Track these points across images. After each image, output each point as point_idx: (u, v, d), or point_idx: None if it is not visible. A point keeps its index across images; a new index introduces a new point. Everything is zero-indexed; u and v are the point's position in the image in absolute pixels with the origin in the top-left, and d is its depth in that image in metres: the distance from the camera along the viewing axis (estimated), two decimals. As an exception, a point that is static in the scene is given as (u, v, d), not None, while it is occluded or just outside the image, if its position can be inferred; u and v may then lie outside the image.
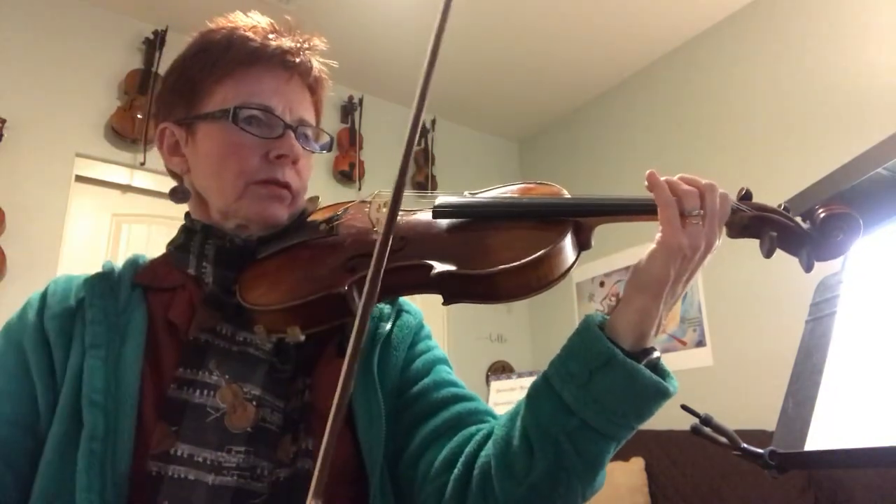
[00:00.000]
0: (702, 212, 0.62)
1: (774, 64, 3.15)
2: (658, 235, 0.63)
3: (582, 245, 0.69)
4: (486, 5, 3.30)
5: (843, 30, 2.89)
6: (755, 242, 0.67)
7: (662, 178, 0.64)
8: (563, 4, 3.31)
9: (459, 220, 0.72)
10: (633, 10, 3.34)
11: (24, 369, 0.72)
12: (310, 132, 0.83)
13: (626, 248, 3.43)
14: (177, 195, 0.82)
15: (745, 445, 0.72)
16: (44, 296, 0.77)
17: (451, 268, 0.64)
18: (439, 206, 0.73)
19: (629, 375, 0.60)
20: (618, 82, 3.98)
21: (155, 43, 3.27)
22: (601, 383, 0.61)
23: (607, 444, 0.63)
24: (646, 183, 0.65)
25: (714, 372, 3.11)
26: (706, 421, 0.73)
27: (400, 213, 0.76)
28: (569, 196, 0.72)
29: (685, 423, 0.75)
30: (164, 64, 3.22)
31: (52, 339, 0.72)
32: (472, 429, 0.74)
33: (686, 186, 0.63)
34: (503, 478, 0.65)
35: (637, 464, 2.90)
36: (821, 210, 0.65)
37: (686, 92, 3.57)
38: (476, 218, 0.72)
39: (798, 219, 0.67)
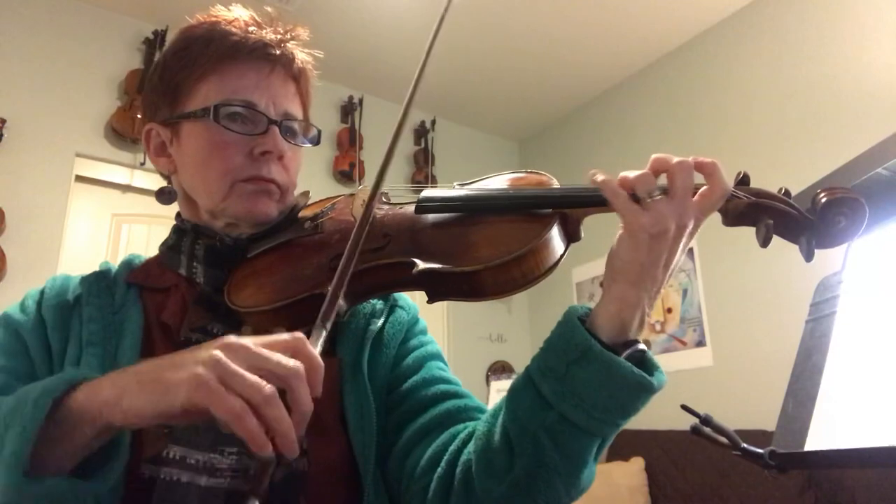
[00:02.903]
0: (662, 193, 0.59)
1: (774, 64, 3.15)
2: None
3: (571, 237, 0.67)
4: (486, 5, 3.30)
5: (843, 30, 2.89)
6: (755, 241, 0.64)
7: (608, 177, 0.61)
8: (563, 4, 3.30)
9: (444, 215, 0.70)
10: (633, 10, 3.34)
11: (22, 349, 0.72)
12: (296, 126, 0.81)
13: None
14: (163, 196, 0.82)
15: (745, 445, 0.72)
16: (42, 291, 0.78)
17: (434, 265, 0.63)
18: (422, 200, 0.71)
19: (606, 367, 0.58)
20: (618, 82, 3.98)
21: (155, 43, 3.27)
22: (578, 376, 0.59)
23: (589, 441, 0.60)
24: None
25: (714, 372, 3.11)
26: (706, 421, 0.73)
27: (387, 206, 0.75)
28: (556, 186, 0.70)
29: (685, 423, 0.75)
30: (164, 64, 3.22)
31: (50, 328, 0.73)
32: (460, 426, 0.73)
33: (634, 175, 0.60)
34: (483, 475, 0.64)
35: (637, 464, 2.90)
36: (822, 194, 0.60)
37: (686, 92, 3.57)
38: (460, 212, 0.70)
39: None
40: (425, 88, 0.71)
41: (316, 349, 0.52)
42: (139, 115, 3.11)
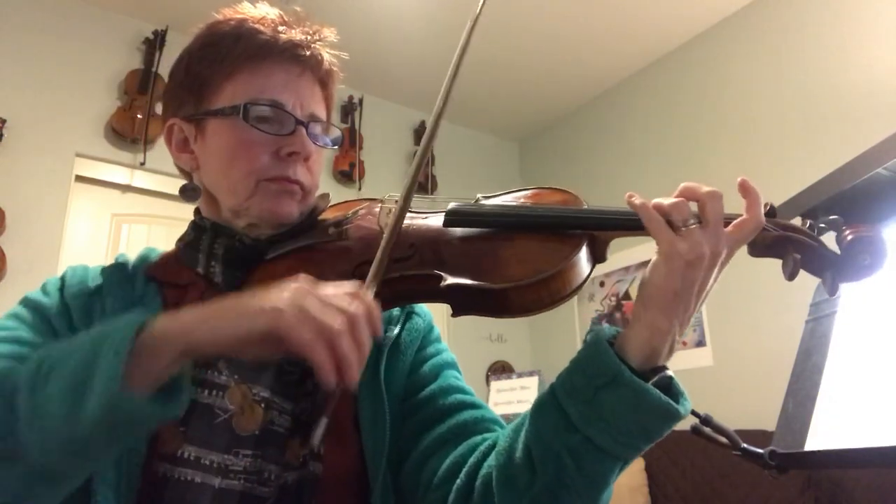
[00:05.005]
0: (696, 221, 0.59)
1: (774, 64, 3.15)
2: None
3: (596, 258, 0.67)
4: (486, 6, 3.30)
5: (843, 30, 2.89)
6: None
7: (651, 202, 0.61)
8: (563, 4, 3.30)
9: (472, 229, 0.70)
10: (632, 10, 3.34)
11: (49, 330, 0.72)
12: (321, 127, 0.81)
13: (627, 248, 3.43)
14: (187, 193, 0.81)
15: (745, 445, 0.73)
16: (63, 278, 0.77)
17: (463, 280, 0.63)
18: (451, 213, 0.70)
19: (636, 395, 0.58)
20: (618, 82, 3.98)
21: (155, 43, 3.27)
22: (606, 401, 0.58)
23: (612, 464, 0.61)
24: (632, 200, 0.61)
25: (714, 372, 3.11)
26: (706, 421, 0.73)
27: (410, 217, 0.74)
28: (585, 205, 0.69)
29: (685, 423, 0.75)
30: (164, 64, 3.22)
31: (75, 314, 0.73)
32: (478, 438, 0.73)
33: (669, 202, 0.60)
34: (504, 491, 0.64)
35: (637, 464, 2.89)
36: (848, 232, 0.61)
37: (686, 92, 3.57)
38: (489, 227, 0.69)
39: (823, 223, 0.64)
40: (424, 89, 0.71)
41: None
42: (139, 116, 3.11)
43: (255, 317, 0.53)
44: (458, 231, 0.70)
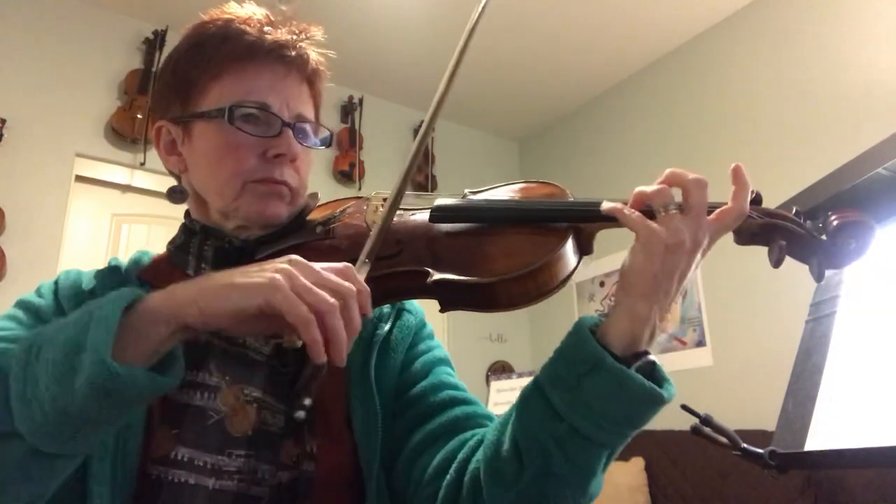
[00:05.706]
0: (678, 207, 0.59)
1: (774, 64, 3.15)
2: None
3: (583, 250, 0.67)
4: (486, 5, 3.30)
5: (843, 30, 2.89)
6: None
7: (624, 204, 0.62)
8: (563, 4, 3.31)
9: (458, 224, 0.70)
10: (632, 10, 3.34)
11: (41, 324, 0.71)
12: (308, 128, 0.81)
13: (627, 247, 3.42)
14: (174, 196, 0.81)
15: (745, 445, 0.73)
16: (56, 281, 0.78)
17: (449, 276, 0.63)
18: (437, 209, 0.71)
19: (617, 380, 0.58)
20: (618, 82, 3.98)
21: (155, 43, 3.28)
22: (590, 388, 0.58)
23: (598, 452, 0.60)
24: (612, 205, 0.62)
25: (714, 372, 3.11)
26: (706, 421, 0.73)
27: (397, 213, 0.75)
28: (571, 198, 0.70)
29: (685, 423, 0.76)
30: (164, 64, 3.23)
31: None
32: (468, 434, 0.73)
33: (651, 189, 0.60)
34: (492, 484, 0.64)
35: (637, 464, 2.90)
36: (833, 217, 0.62)
37: (686, 92, 3.57)
38: (475, 222, 0.70)
39: (809, 223, 0.63)
40: (424, 89, 0.71)
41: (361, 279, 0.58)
42: (139, 116, 3.11)
43: (250, 293, 0.53)
44: (445, 227, 0.70)
